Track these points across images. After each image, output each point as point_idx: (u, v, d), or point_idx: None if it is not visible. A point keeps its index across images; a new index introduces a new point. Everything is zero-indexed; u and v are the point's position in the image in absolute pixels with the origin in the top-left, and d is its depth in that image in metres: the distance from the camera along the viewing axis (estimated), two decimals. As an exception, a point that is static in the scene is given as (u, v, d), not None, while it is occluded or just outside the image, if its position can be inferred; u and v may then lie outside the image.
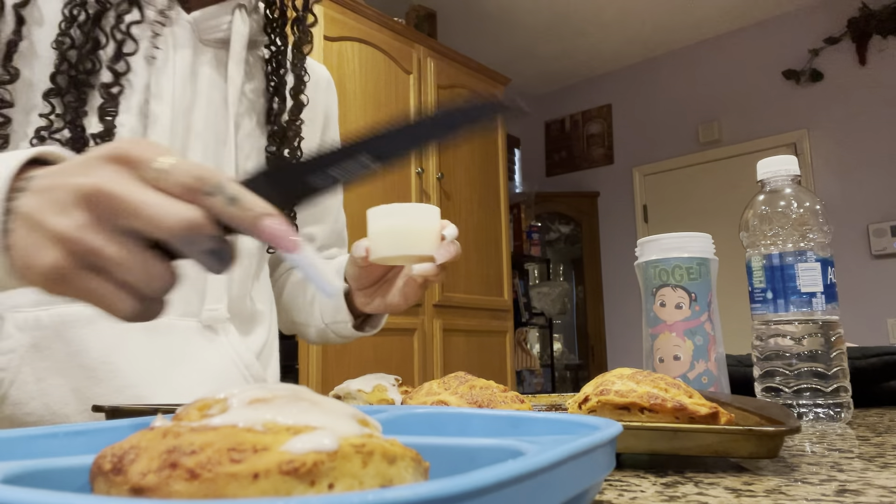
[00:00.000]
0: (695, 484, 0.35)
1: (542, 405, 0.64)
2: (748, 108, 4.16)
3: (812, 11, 3.96)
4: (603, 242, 4.75)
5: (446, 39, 3.80)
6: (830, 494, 0.32)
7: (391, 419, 0.34)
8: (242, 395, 0.22)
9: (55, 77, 0.63)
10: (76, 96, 0.63)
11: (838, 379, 0.63)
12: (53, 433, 0.28)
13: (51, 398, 0.64)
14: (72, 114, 0.62)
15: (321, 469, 0.18)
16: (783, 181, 0.69)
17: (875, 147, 3.71)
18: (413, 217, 0.58)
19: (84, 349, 0.65)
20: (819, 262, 0.66)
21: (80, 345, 0.65)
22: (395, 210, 0.58)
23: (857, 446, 0.48)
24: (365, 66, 2.72)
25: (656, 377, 0.45)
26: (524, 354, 4.09)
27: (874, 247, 3.64)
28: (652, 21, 4.13)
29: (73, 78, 0.63)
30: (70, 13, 0.64)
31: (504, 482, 0.17)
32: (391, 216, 0.58)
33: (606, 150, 4.82)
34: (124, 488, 0.18)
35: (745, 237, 0.70)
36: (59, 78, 0.63)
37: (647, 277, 0.75)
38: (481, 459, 0.26)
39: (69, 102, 0.62)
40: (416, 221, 0.58)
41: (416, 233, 0.58)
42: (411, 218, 0.58)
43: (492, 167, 3.37)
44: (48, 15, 0.65)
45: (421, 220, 0.59)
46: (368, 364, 2.54)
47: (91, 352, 0.65)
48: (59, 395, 0.64)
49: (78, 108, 0.62)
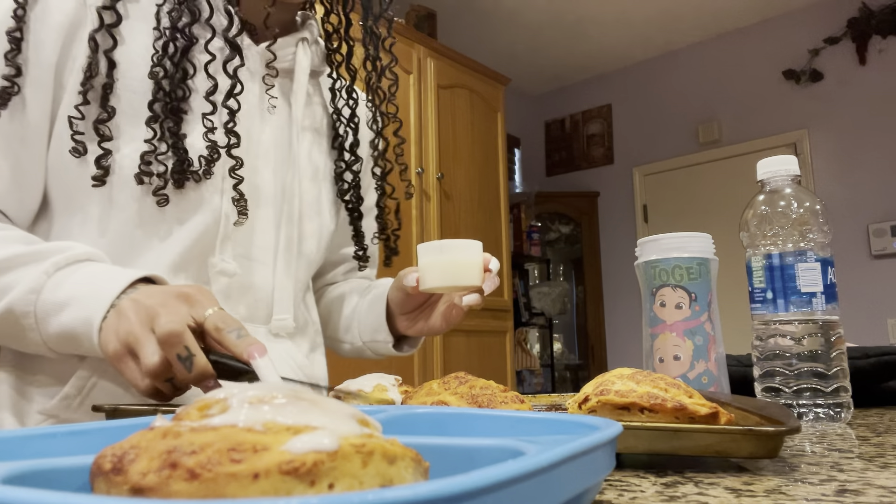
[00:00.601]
0: (695, 484, 0.35)
1: (542, 405, 0.64)
2: (748, 108, 4.16)
3: (812, 11, 3.96)
4: (603, 242, 4.75)
5: (446, 39, 3.80)
6: (830, 494, 0.32)
7: (391, 419, 0.34)
8: (242, 394, 0.22)
9: (153, 105, 0.68)
10: (175, 121, 0.68)
11: (838, 379, 0.63)
12: (53, 433, 0.28)
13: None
14: (173, 138, 0.67)
15: (321, 469, 0.18)
16: (783, 181, 0.69)
17: (875, 147, 3.71)
18: (461, 251, 0.67)
19: None
20: (819, 262, 0.66)
21: None
22: (445, 246, 0.67)
23: (857, 446, 0.48)
24: (365, 66, 2.72)
25: (656, 377, 0.45)
26: (524, 354, 4.09)
27: (874, 247, 3.64)
28: (652, 21, 4.13)
29: (168, 105, 0.68)
30: (162, 47, 0.69)
31: (504, 482, 0.17)
32: (442, 252, 0.67)
33: (606, 150, 4.82)
34: (124, 488, 0.18)
35: (745, 237, 0.70)
36: (156, 106, 0.68)
37: (647, 277, 0.75)
38: (481, 459, 0.26)
39: (169, 128, 0.67)
40: (463, 255, 0.67)
41: (464, 266, 0.67)
42: (459, 252, 0.67)
43: (492, 167, 3.37)
44: (135, 49, 0.70)
45: (468, 254, 0.67)
46: (368, 364, 2.54)
47: None
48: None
49: (178, 132, 0.68)
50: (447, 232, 3.03)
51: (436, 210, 2.98)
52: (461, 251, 0.67)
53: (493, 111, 3.44)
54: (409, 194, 0.94)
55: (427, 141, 2.99)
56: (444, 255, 0.67)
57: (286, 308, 0.77)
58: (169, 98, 0.68)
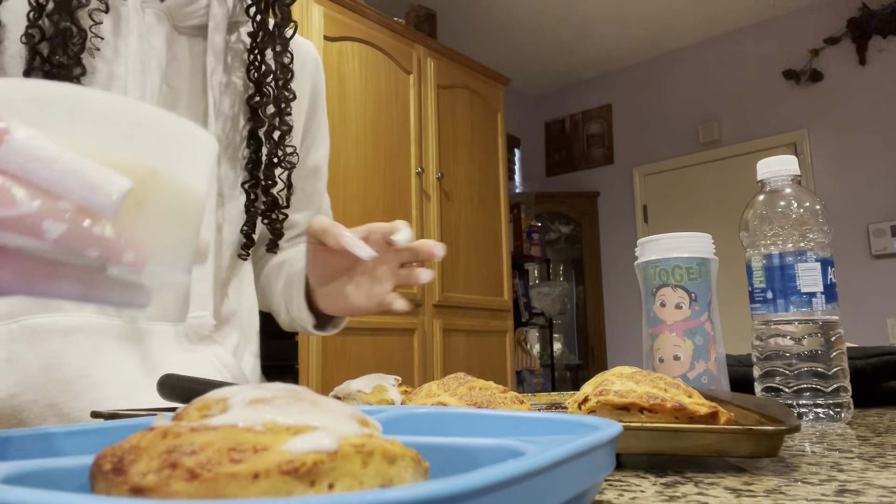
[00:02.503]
0: (695, 484, 0.35)
1: (542, 404, 0.64)
2: (748, 108, 4.16)
3: (812, 11, 3.96)
4: (603, 242, 4.75)
5: (446, 39, 3.80)
6: (830, 494, 0.32)
7: (391, 419, 0.34)
8: (242, 395, 0.22)
9: (28, 74, 0.59)
10: None
11: (838, 379, 0.63)
12: (53, 433, 0.28)
13: (26, 415, 0.61)
14: None
15: (321, 469, 0.18)
16: (783, 181, 0.69)
17: (875, 147, 3.71)
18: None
19: (59, 363, 0.62)
20: (819, 262, 0.66)
21: (54, 358, 0.62)
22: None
23: (857, 446, 0.48)
24: (365, 66, 2.72)
25: (656, 377, 0.45)
26: (524, 354, 4.09)
27: (874, 247, 3.64)
28: (652, 21, 4.13)
29: (48, 73, 0.59)
30: (37, 3, 0.60)
31: (504, 482, 0.17)
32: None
33: (606, 150, 4.82)
34: (124, 488, 0.18)
35: (745, 237, 0.70)
36: (32, 74, 0.59)
37: (647, 277, 0.75)
38: (481, 459, 0.26)
39: None
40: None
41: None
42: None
43: (492, 167, 3.37)
44: (17, 6, 0.61)
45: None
46: (368, 364, 2.54)
47: (67, 365, 0.62)
48: (34, 411, 0.61)
49: None
50: (447, 232, 3.03)
51: (436, 210, 2.98)
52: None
53: (493, 111, 3.44)
54: (291, 164, 0.78)
55: (427, 141, 2.99)
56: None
57: (204, 303, 0.69)
58: (49, 65, 0.59)
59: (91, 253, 0.26)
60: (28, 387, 0.61)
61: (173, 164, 0.29)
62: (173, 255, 0.29)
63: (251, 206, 0.76)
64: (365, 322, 2.60)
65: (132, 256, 0.26)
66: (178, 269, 0.30)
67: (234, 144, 0.75)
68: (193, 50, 0.71)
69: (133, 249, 0.27)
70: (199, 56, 0.72)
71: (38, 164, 0.24)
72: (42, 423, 0.61)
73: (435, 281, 2.94)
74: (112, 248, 0.26)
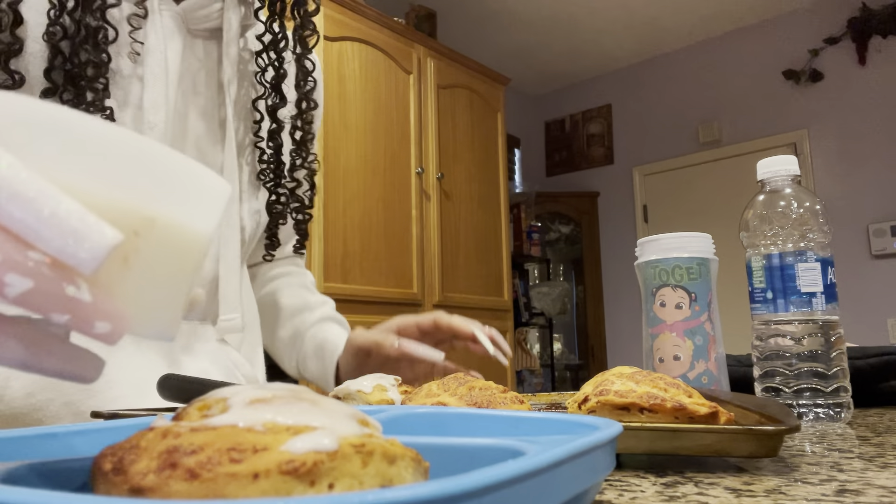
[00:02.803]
0: (695, 484, 0.35)
1: (542, 404, 0.64)
2: (748, 108, 4.16)
3: (812, 11, 3.96)
4: (603, 242, 4.75)
5: (446, 39, 3.80)
6: (830, 494, 0.32)
7: (391, 419, 0.34)
8: (242, 394, 0.22)
9: (50, 73, 0.59)
10: (74, 93, 0.59)
11: (838, 379, 0.63)
12: (53, 433, 0.28)
13: (43, 413, 0.61)
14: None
15: (321, 469, 0.18)
16: (783, 181, 0.69)
17: (875, 147, 3.71)
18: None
19: None
20: (819, 262, 0.66)
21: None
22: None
23: (857, 446, 0.48)
24: (365, 66, 2.72)
25: (656, 377, 0.45)
26: (524, 354, 4.09)
27: (874, 247, 3.64)
28: (652, 21, 4.13)
29: (69, 73, 0.58)
30: (59, 0, 0.60)
31: (504, 482, 0.17)
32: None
33: (606, 150, 4.82)
34: (124, 488, 0.18)
35: (745, 237, 0.70)
36: (54, 74, 0.59)
37: (647, 277, 0.75)
38: (481, 459, 0.26)
39: (68, 100, 0.58)
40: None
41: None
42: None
43: (492, 167, 3.37)
44: (38, 4, 0.61)
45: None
46: (368, 364, 2.54)
47: None
48: (51, 410, 0.61)
49: (77, 105, 0.58)
50: (447, 232, 3.03)
51: (436, 210, 2.98)
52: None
53: (493, 111, 3.44)
54: (313, 170, 0.81)
55: (427, 141, 2.99)
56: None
57: (233, 306, 0.69)
58: (71, 64, 0.58)
59: (58, 318, 0.21)
60: (45, 385, 0.61)
61: (175, 214, 0.24)
62: (157, 319, 0.25)
63: (273, 207, 0.77)
64: (365, 322, 2.59)
65: (106, 327, 0.22)
66: (161, 335, 0.25)
67: (251, 146, 0.76)
68: (208, 53, 0.72)
69: (110, 318, 0.22)
70: (213, 59, 0.72)
71: (13, 200, 0.20)
72: (58, 421, 0.61)
73: (435, 281, 2.94)
74: (85, 314, 0.21)
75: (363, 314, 2.60)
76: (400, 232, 2.80)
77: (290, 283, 0.88)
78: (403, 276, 2.80)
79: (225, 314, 0.69)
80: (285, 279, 0.88)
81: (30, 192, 0.20)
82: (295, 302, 0.85)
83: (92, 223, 0.21)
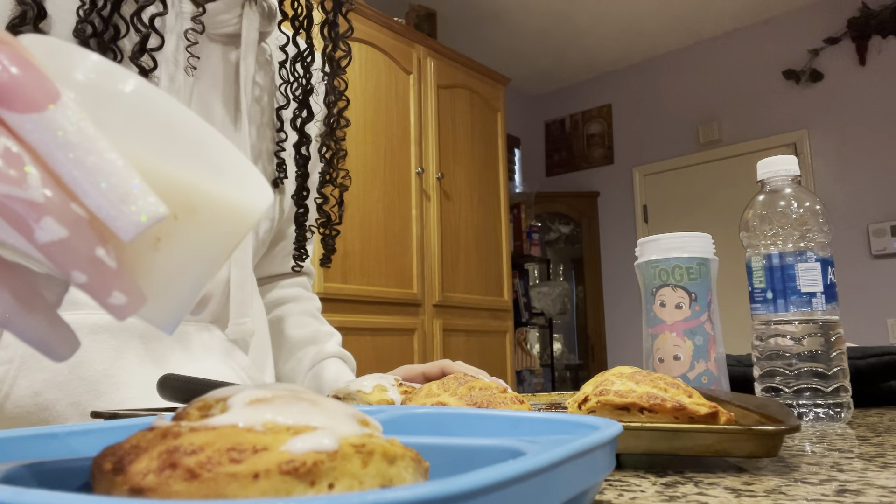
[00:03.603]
0: (695, 484, 0.35)
1: (542, 404, 0.64)
2: (748, 108, 4.16)
3: (812, 11, 3.96)
4: (603, 242, 4.75)
5: (446, 39, 3.80)
6: (830, 494, 0.32)
7: (391, 419, 0.34)
8: (242, 395, 0.22)
9: None
10: None
11: (838, 379, 0.63)
12: (53, 433, 0.28)
13: (49, 413, 0.61)
14: None
15: (321, 469, 0.18)
16: (783, 181, 0.69)
17: (875, 147, 3.71)
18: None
19: (85, 360, 0.62)
20: (819, 262, 0.66)
21: (80, 356, 0.61)
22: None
23: (857, 446, 0.48)
24: (365, 66, 2.72)
25: (656, 377, 0.45)
26: (524, 354, 4.09)
27: (874, 247, 3.64)
28: (652, 21, 4.13)
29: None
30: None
31: (504, 482, 0.17)
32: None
33: (606, 150, 4.82)
34: (124, 488, 0.18)
35: (745, 237, 0.70)
36: None
37: (647, 277, 0.75)
38: (481, 459, 0.26)
39: None
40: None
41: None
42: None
43: (492, 167, 3.37)
44: (63, 2, 0.62)
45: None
46: (368, 364, 2.54)
47: (93, 363, 0.62)
48: (58, 409, 0.61)
49: None
50: (447, 232, 3.03)
51: (436, 210, 2.98)
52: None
53: (493, 111, 3.44)
54: (345, 186, 0.82)
55: (427, 141, 2.99)
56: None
57: (244, 309, 0.69)
58: None
59: (77, 277, 0.20)
60: (53, 384, 0.61)
61: (216, 211, 0.24)
62: (167, 308, 0.24)
63: (301, 219, 0.79)
64: (365, 322, 2.60)
65: (122, 300, 0.21)
66: (163, 324, 0.24)
67: (267, 152, 0.77)
68: (226, 58, 0.73)
69: (127, 293, 0.21)
70: (231, 64, 0.73)
71: (71, 149, 0.19)
72: (64, 421, 0.61)
73: (435, 281, 2.94)
74: (105, 280, 0.20)
75: (363, 314, 2.60)
76: (400, 232, 2.80)
77: (296, 311, 0.87)
78: (403, 276, 2.80)
79: (236, 318, 0.69)
80: (293, 305, 0.88)
81: (90, 146, 0.20)
82: (300, 334, 0.85)
83: (143, 191, 0.20)
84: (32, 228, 0.19)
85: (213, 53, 0.72)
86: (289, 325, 0.85)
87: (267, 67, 0.79)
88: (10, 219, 0.19)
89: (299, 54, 0.79)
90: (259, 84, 0.77)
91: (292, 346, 0.84)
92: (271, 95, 0.79)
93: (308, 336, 0.84)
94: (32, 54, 0.21)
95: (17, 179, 0.19)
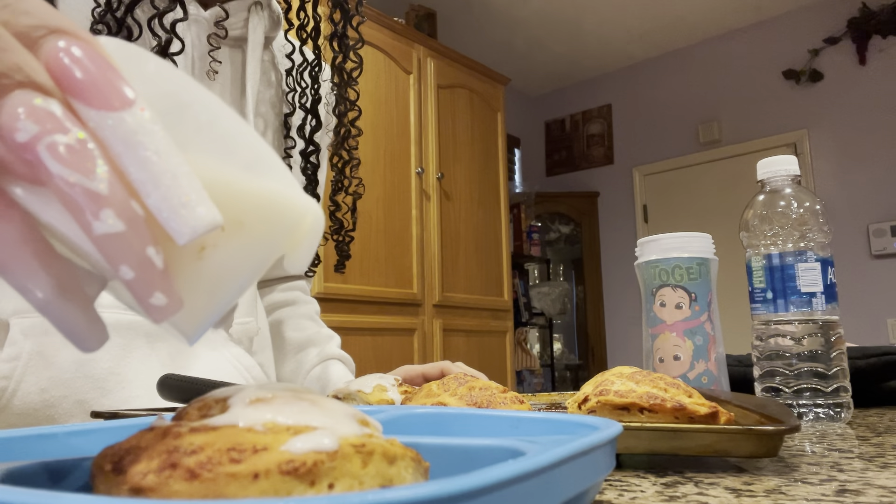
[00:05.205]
0: (695, 484, 0.35)
1: (542, 404, 0.64)
2: (748, 108, 4.16)
3: (812, 11, 3.96)
4: (603, 242, 4.75)
5: (446, 39, 3.80)
6: (830, 494, 0.32)
7: (391, 419, 0.34)
8: (242, 394, 0.22)
9: None
10: None
11: (838, 379, 0.63)
12: (53, 433, 0.28)
13: (55, 411, 0.61)
14: None
15: (321, 469, 0.18)
16: (783, 181, 0.69)
17: (875, 147, 3.71)
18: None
19: (92, 358, 0.62)
20: (819, 262, 0.66)
21: (87, 354, 0.62)
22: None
23: (857, 446, 0.48)
24: (365, 66, 2.72)
25: (656, 377, 0.45)
26: (524, 354, 4.09)
27: (874, 247, 3.64)
28: (652, 21, 4.13)
29: None
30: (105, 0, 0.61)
31: (504, 482, 0.17)
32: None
33: (606, 150, 4.82)
34: (124, 488, 0.18)
35: (745, 237, 0.70)
36: None
37: (647, 277, 0.75)
38: (481, 459, 0.26)
39: None
40: None
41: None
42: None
43: (492, 167, 3.37)
44: (74, 2, 0.62)
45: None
46: (368, 364, 2.54)
47: (99, 361, 0.62)
48: (63, 407, 0.61)
49: None
50: (447, 232, 3.03)
51: (436, 210, 2.98)
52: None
53: (493, 111, 3.44)
54: (359, 194, 0.85)
55: (427, 141, 2.99)
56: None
57: (248, 309, 0.69)
58: None
59: (125, 272, 0.20)
60: (59, 382, 0.61)
61: (261, 227, 0.24)
62: (196, 318, 0.24)
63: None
64: (365, 322, 2.60)
65: (162, 302, 0.21)
66: (188, 334, 0.24)
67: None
68: (233, 61, 0.73)
69: (169, 295, 0.21)
70: (238, 67, 0.73)
71: (140, 149, 0.20)
72: (70, 419, 0.61)
73: (435, 281, 2.94)
74: (150, 279, 0.21)
75: (363, 314, 2.60)
76: (400, 232, 2.80)
77: (295, 314, 0.87)
78: (403, 276, 2.80)
79: (240, 318, 0.69)
80: (291, 308, 0.88)
81: (160, 150, 0.20)
82: (300, 336, 0.85)
83: (203, 197, 0.21)
84: (91, 219, 0.19)
85: (220, 56, 0.72)
86: (288, 328, 0.85)
87: (274, 73, 0.79)
88: (72, 207, 0.19)
89: (307, 64, 0.79)
90: (266, 88, 0.77)
91: (292, 348, 0.84)
92: (279, 101, 0.79)
93: (308, 338, 0.84)
94: (110, 55, 0.22)
95: (88, 170, 0.19)
